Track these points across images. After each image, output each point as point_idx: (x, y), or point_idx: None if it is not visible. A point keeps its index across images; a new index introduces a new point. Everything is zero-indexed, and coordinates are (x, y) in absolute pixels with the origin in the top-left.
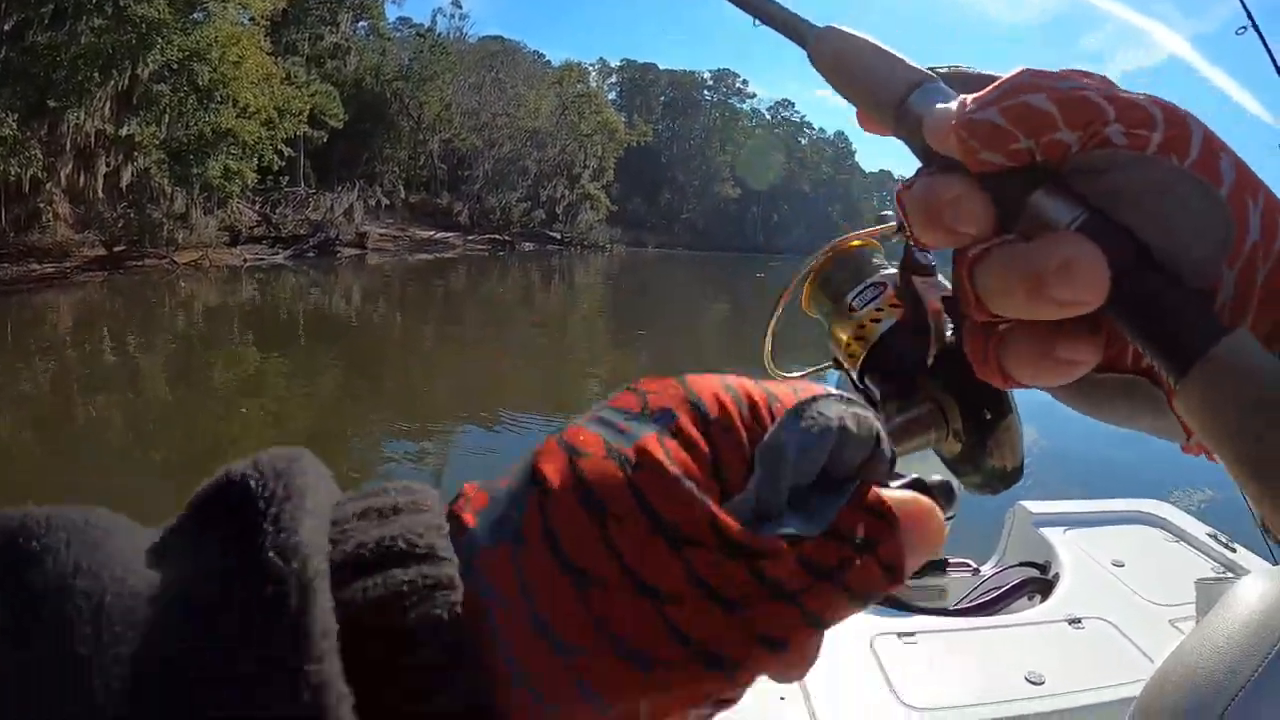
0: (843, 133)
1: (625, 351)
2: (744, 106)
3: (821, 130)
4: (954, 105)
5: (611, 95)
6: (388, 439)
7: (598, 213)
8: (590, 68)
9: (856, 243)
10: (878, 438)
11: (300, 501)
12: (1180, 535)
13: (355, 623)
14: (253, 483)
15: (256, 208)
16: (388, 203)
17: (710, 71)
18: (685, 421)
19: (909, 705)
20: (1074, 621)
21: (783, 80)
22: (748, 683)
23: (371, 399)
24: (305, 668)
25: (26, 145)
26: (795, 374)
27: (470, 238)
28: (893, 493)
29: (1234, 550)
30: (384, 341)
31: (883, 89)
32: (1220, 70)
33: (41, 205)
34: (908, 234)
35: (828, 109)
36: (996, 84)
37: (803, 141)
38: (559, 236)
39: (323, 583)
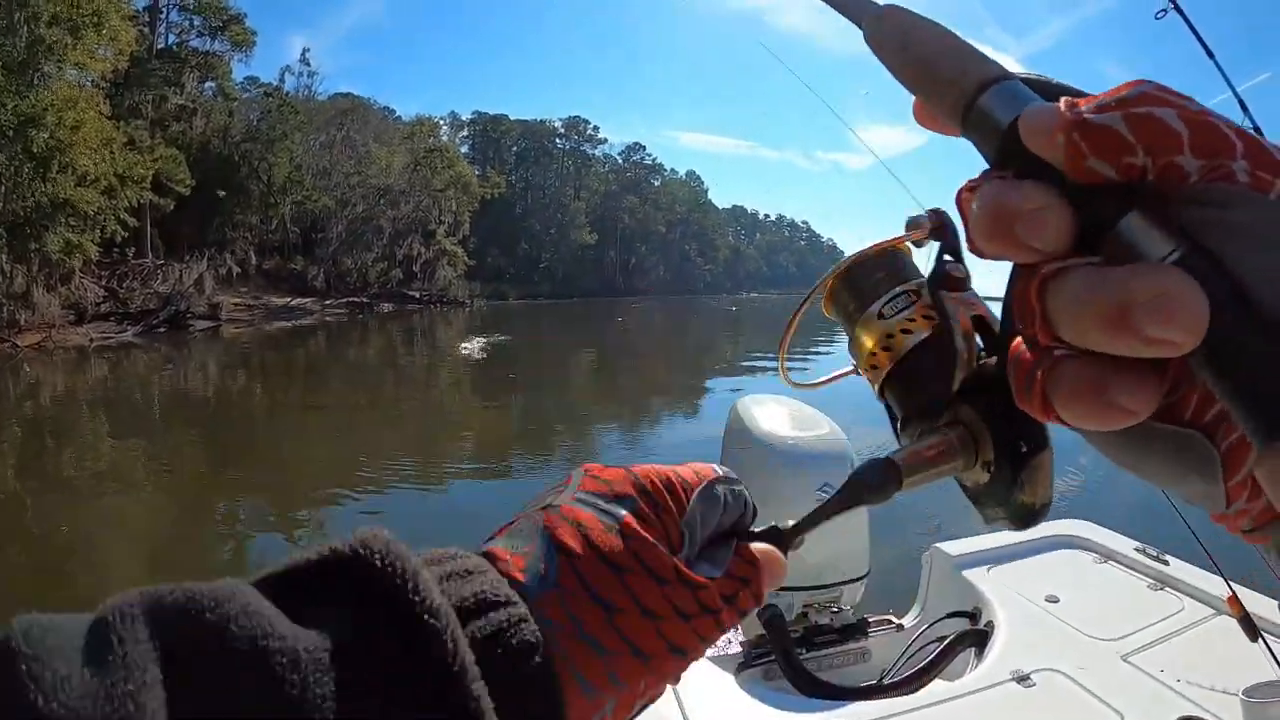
0: (694, 172)
1: (494, 407)
2: (596, 153)
3: (674, 171)
4: (1061, 104)
5: (464, 148)
6: (257, 512)
7: (455, 268)
8: (441, 121)
9: (889, 244)
10: (745, 504)
11: (421, 571)
12: (1108, 554)
13: (477, 650)
14: (378, 559)
15: (102, 283)
16: (240, 270)
17: (561, 120)
18: (643, 504)
19: None
20: (1022, 679)
21: (632, 124)
22: (690, 663)
23: (236, 473)
24: (468, 705)
25: None
26: (817, 380)
27: (328, 302)
28: (757, 545)
29: (1166, 563)
30: (245, 416)
31: (953, 82)
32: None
33: None
34: (967, 243)
35: (679, 149)
36: (1119, 89)
37: (656, 183)
38: (418, 295)
39: (459, 632)
